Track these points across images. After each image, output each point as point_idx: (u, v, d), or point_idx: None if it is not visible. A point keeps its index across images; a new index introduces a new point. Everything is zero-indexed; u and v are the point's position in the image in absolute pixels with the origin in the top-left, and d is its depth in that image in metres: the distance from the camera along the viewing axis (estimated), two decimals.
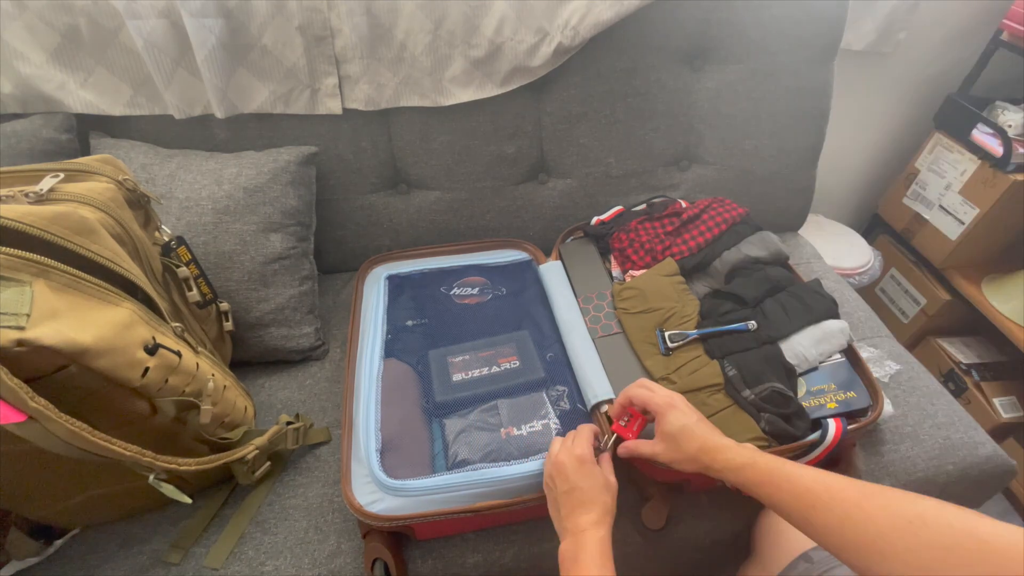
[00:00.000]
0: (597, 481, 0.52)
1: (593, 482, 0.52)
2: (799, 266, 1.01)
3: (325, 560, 0.63)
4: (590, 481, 0.52)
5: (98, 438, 0.46)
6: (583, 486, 0.51)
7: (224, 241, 0.77)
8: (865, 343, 0.88)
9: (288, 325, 0.82)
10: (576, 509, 0.50)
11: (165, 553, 0.62)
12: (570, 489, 0.51)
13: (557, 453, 0.55)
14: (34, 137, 0.77)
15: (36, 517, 0.60)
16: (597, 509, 0.50)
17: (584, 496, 0.51)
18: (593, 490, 0.51)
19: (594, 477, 0.52)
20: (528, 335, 0.77)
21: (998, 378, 1.24)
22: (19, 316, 0.43)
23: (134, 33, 0.75)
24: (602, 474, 0.53)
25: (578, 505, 0.51)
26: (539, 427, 0.65)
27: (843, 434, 0.62)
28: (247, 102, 0.84)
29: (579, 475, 0.52)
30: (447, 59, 0.85)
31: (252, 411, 0.73)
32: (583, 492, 0.51)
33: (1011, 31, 1.08)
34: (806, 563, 0.57)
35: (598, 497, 0.51)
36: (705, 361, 0.70)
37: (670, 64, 0.92)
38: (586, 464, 0.53)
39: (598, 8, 0.81)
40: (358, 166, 0.92)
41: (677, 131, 0.98)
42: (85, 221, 0.51)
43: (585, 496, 0.51)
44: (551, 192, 0.99)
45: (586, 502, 0.51)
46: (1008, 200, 1.11)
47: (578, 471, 0.52)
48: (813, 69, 0.95)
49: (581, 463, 0.53)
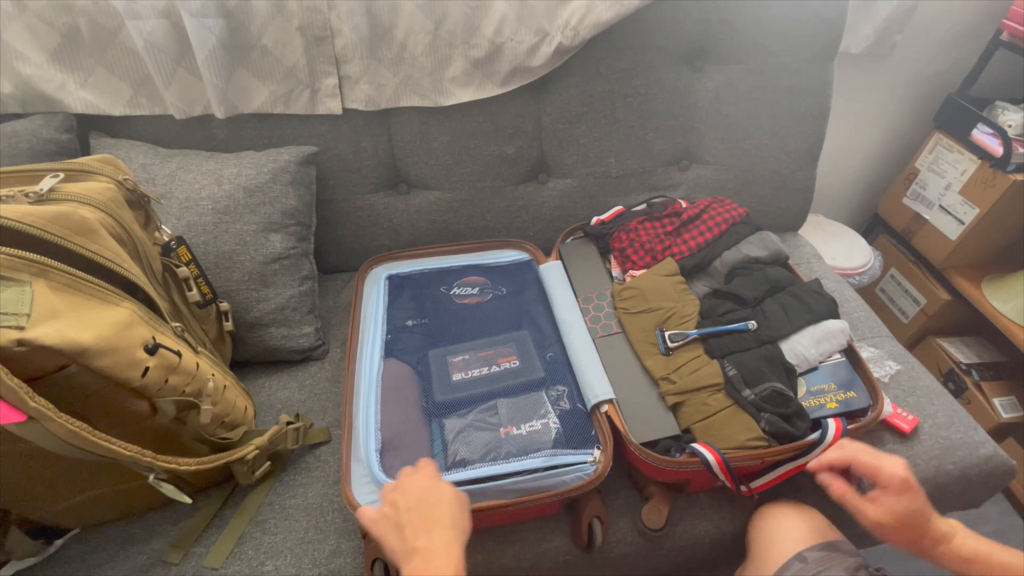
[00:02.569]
0: (447, 493, 0.48)
1: (445, 495, 0.48)
2: (799, 266, 1.01)
3: (325, 560, 0.63)
4: (441, 494, 0.48)
5: (98, 438, 0.46)
6: (433, 499, 0.47)
7: (224, 241, 0.77)
8: (865, 343, 0.88)
9: (288, 325, 0.82)
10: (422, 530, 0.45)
11: (165, 553, 0.62)
12: (417, 506, 0.47)
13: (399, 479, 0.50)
14: (34, 137, 0.77)
15: (36, 517, 0.60)
16: (446, 523, 0.46)
17: (434, 511, 0.46)
18: (444, 504, 0.47)
19: (445, 490, 0.49)
20: (528, 335, 0.77)
21: (998, 378, 1.24)
22: (19, 316, 0.43)
23: (134, 33, 0.75)
24: (450, 488, 0.49)
25: (428, 525, 0.45)
26: (539, 427, 0.65)
27: (843, 434, 0.62)
28: (247, 102, 0.84)
29: (427, 491, 0.48)
30: (447, 59, 0.85)
31: (252, 411, 0.73)
32: (432, 509, 0.46)
33: (1011, 31, 1.08)
34: (800, 563, 0.57)
35: (447, 510, 0.47)
36: (705, 361, 0.70)
37: (670, 64, 0.92)
38: (434, 479, 0.49)
39: (598, 8, 0.81)
40: (358, 166, 0.92)
41: (677, 131, 0.98)
42: (85, 221, 0.51)
43: (436, 511, 0.46)
44: (551, 192, 0.99)
45: (437, 518, 0.46)
46: (1008, 200, 1.11)
47: (426, 488, 0.48)
48: (813, 69, 0.95)
49: (431, 479, 0.49)
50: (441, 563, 0.42)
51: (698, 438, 0.64)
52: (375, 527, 0.48)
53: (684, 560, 0.71)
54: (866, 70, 1.20)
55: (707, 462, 0.60)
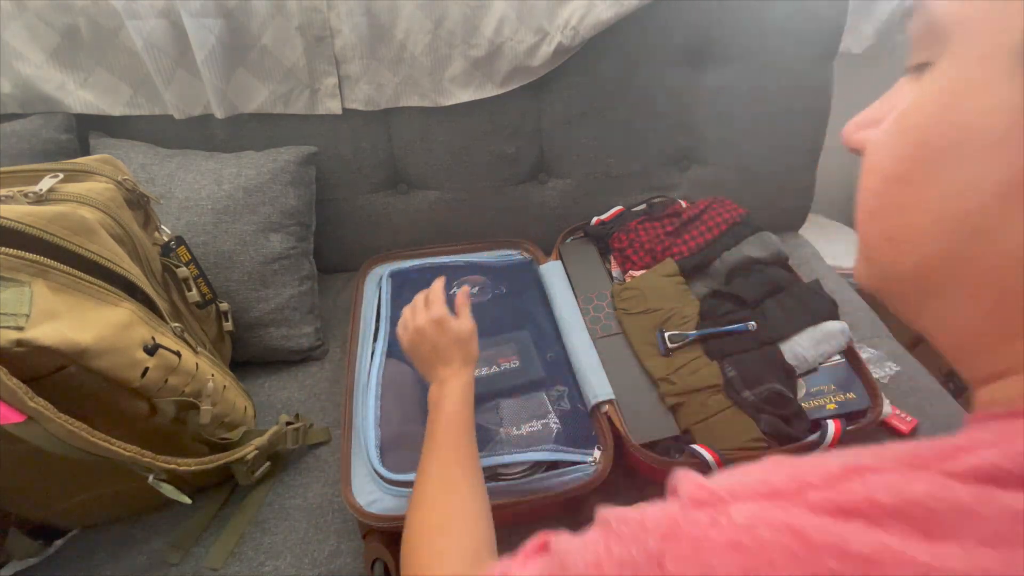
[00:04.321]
0: (452, 335, 0.57)
1: (451, 337, 0.57)
2: (799, 266, 1.00)
3: (325, 560, 0.63)
4: (448, 337, 0.57)
5: (97, 438, 0.46)
6: (442, 342, 0.57)
7: (224, 241, 0.76)
8: (865, 343, 0.88)
9: (288, 325, 0.82)
10: (439, 363, 0.57)
11: (165, 553, 0.62)
12: (433, 348, 0.57)
13: (413, 320, 0.60)
14: (34, 137, 0.77)
15: (36, 517, 0.60)
16: (457, 359, 0.57)
17: (446, 352, 0.57)
18: (452, 345, 0.57)
19: (451, 332, 0.57)
20: (528, 335, 0.77)
21: None
22: (18, 316, 0.43)
23: (134, 33, 0.75)
24: (457, 326, 0.58)
25: (440, 360, 0.57)
26: (539, 427, 0.65)
27: (842, 435, 0.62)
28: (247, 102, 0.84)
29: (438, 334, 0.57)
30: (447, 59, 0.85)
31: (252, 411, 0.72)
32: (445, 348, 0.57)
33: None
34: None
35: (457, 350, 0.57)
36: (705, 362, 0.70)
37: (670, 64, 0.92)
38: (443, 323, 0.58)
39: (598, 8, 0.80)
40: (358, 166, 0.92)
41: (677, 131, 0.97)
42: (85, 221, 0.51)
43: (447, 351, 0.57)
44: (551, 192, 0.99)
45: (447, 356, 0.57)
46: None
47: (436, 331, 0.57)
48: (813, 69, 0.94)
49: (439, 324, 0.58)
50: (448, 390, 0.54)
51: (698, 439, 0.64)
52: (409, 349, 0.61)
53: None
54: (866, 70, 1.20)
55: (707, 463, 0.60)
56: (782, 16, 0.89)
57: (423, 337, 0.58)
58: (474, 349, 0.59)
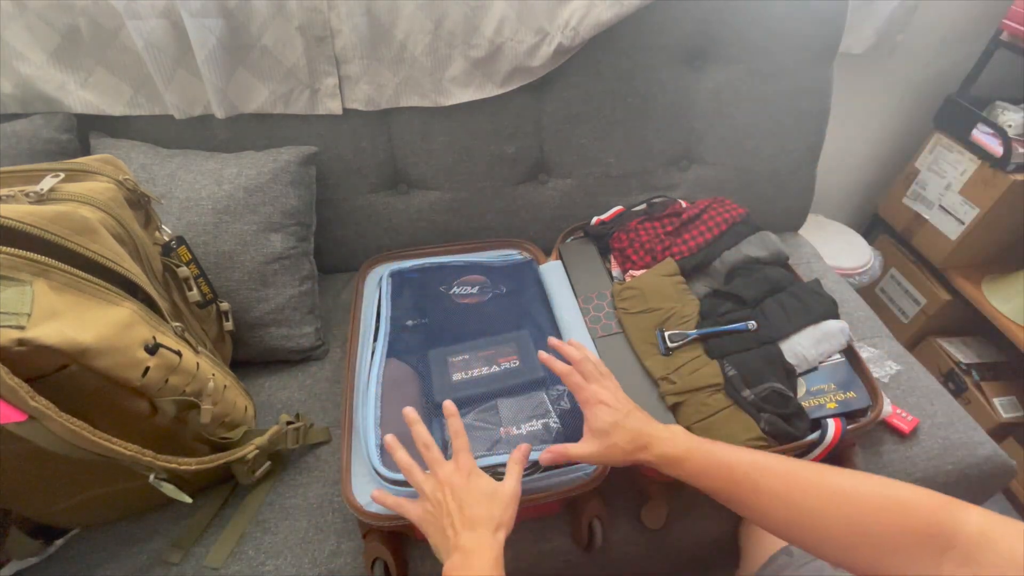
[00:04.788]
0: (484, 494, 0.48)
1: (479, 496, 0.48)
2: (799, 266, 1.01)
3: (325, 560, 0.63)
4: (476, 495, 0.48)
5: (98, 437, 0.46)
6: (469, 501, 0.48)
7: (224, 241, 0.77)
8: (865, 343, 0.88)
9: (288, 325, 0.82)
10: (462, 527, 0.46)
11: (165, 552, 0.62)
12: (458, 504, 0.48)
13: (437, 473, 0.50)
14: (34, 137, 0.77)
15: (36, 517, 0.60)
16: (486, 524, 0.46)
17: (473, 513, 0.47)
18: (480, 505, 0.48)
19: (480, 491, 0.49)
20: (528, 335, 0.77)
21: (998, 378, 1.24)
22: (20, 316, 0.43)
23: (134, 33, 0.75)
24: (488, 482, 0.50)
25: (465, 524, 0.46)
26: (539, 426, 0.65)
27: (842, 434, 0.62)
28: (247, 102, 0.84)
29: (465, 490, 0.48)
30: (447, 59, 0.85)
31: (252, 411, 0.73)
32: (471, 508, 0.47)
33: (1011, 31, 1.08)
34: (786, 556, 0.58)
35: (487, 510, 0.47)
36: (705, 361, 0.70)
37: (670, 64, 0.92)
38: (472, 475, 0.50)
39: (598, 8, 0.81)
40: (358, 166, 0.92)
41: (677, 131, 0.98)
42: (86, 221, 0.51)
43: (474, 513, 0.47)
44: (551, 192, 0.99)
45: (475, 518, 0.47)
46: (1008, 200, 1.11)
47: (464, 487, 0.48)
48: (813, 69, 0.95)
49: (469, 475, 0.49)
50: (475, 563, 0.44)
51: None
52: (421, 524, 0.50)
53: (684, 560, 0.71)
54: (866, 70, 1.20)
55: None
56: (782, 16, 0.89)
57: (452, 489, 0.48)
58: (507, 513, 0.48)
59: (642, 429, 0.52)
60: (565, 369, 0.58)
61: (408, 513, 0.51)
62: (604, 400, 0.54)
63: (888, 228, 1.39)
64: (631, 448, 0.51)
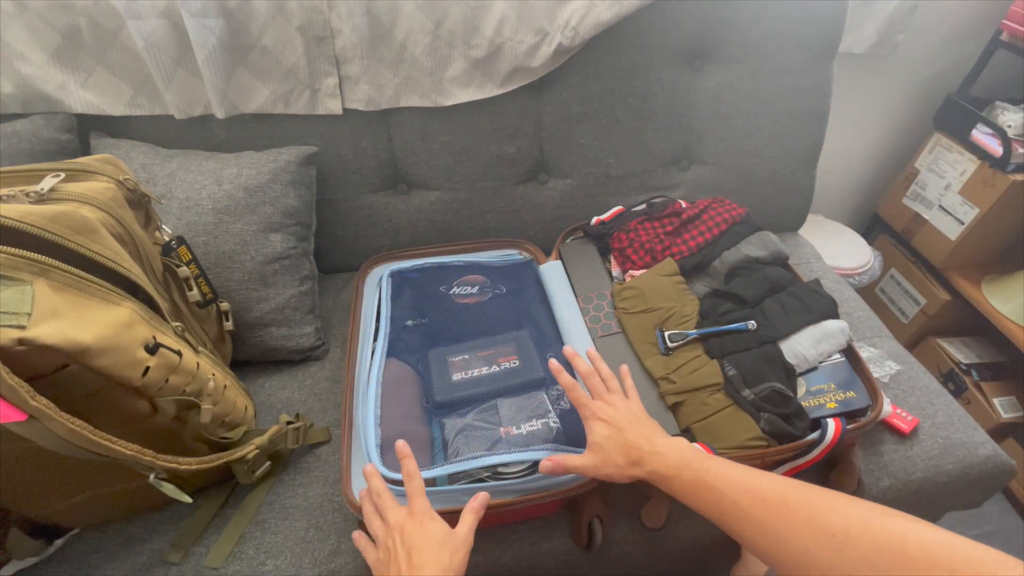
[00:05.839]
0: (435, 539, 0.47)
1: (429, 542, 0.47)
2: (799, 266, 1.01)
3: (325, 560, 0.63)
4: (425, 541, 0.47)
5: (99, 437, 0.46)
6: (419, 547, 0.46)
7: (224, 241, 0.77)
8: (865, 343, 0.88)
9: (288, 325, 0.82)
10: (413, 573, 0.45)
11: (165, 552, 0.62)
12: (408, 553, 0.46)
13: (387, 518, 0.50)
14: (34, 137, 0.77)
15: (36, 517, 0.60)
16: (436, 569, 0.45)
17: (421, 559, 0.46)
18: (430, 551, 0.46)
19: (431, 536, 0.47)
20: (528, 335, 0.77)
21: (998, 378, 1.24)
22: (20, 315, 0.43)
23: (134, 33, 0.75)
24: (442, 529, 0.48)
25: (415, 569, 0.45)
26: (538, 426, 0.65)
27: (842, 434, 0.62)
28: (247, 102, 0.84)
29: (414, 536, 0.47)
30: (447, 59, 0.85)
31: (252, 411, 0.73)
32: (419, 555, 0.46)
33: (1011, 31, 1.09)
34: None
35: (436, 557, 0.46)
36: (705, 361, 0.70)
37: (670, 64, 0.92)
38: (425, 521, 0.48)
39: (598, 8, 0.81)
40: (358, 166, 0.92)
41: (677, 131, 0.98)
42: (86, 220, 0.51)
43: (423, 559, 0.46)
44: (551, 192, 0.99)
45: (424, 564, 0.45)
46: (1008, 200, 1.11)
47: (414, 532, 0.47)
48: (813, 69, 0.95)
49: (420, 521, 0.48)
50: None
51: (697, 438, 0.64)
52: (374, 571, 0.49)
53: (684, 560, 0.71)
54: (866, 70, 1.20)
55: None
56: (782, 16, 0.89)
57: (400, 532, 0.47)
58: (456, 559, 0.46)
59: (637, 445, 0.52)
60: (569, 383, 0.59)
61: (367, 558, 0.51)
62: (603, 417, 0.55)
63: (888, 228, 1.39)
64: (624, 463, 0.52)
